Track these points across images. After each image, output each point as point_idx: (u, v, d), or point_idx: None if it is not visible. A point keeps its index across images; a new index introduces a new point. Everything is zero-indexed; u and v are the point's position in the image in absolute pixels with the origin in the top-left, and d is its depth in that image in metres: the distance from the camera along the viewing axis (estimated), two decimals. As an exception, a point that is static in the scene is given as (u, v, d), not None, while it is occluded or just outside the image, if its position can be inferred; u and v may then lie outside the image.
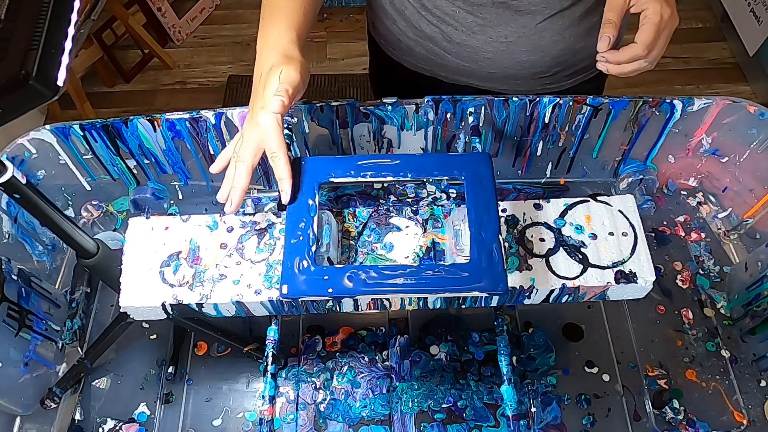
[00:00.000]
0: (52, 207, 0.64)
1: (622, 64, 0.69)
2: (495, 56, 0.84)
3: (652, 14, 0.67)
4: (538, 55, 0.84)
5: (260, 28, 0.68)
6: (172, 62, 2.34)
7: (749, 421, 0.75)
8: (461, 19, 0.81)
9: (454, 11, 0.80)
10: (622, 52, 0.68)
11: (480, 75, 0.88)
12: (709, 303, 0.83)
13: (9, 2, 0.50)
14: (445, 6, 0.80)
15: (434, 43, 0.86)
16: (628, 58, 0.68)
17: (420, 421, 0.74)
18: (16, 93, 0.48)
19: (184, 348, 0.81)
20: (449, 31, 0.83)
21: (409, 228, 0.69)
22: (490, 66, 0.86)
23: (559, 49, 0.84)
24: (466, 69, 0.88)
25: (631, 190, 0.91)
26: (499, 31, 0.81)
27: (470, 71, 0.88)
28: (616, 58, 0.68)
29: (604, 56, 0.69)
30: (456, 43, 0.84)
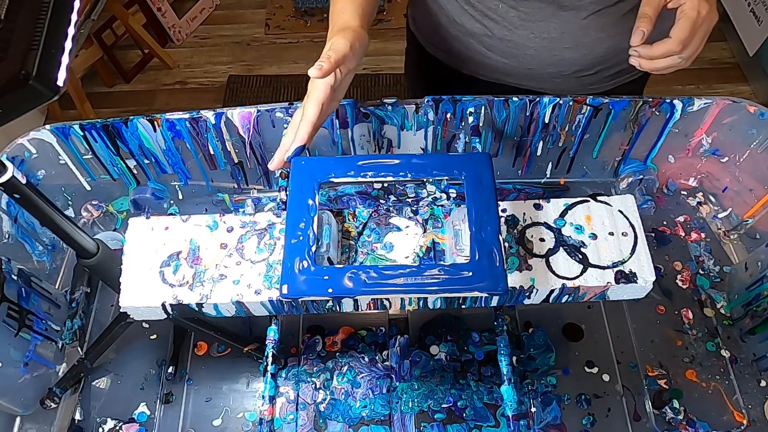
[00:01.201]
0: (52, 207, 0.64)
1: (654, 60, 0.67)
2: (537, 52, 0.83)
3: (689, 9, 0.65)
4: (581, 52, 0.83)
5: (329, 11, 0.72)
6: (172, 62, 2.34)
7: (749, 421, 0.75)
8: (504, 13, 0.80)
9: (496, 5, 0.79)
10: (655, 47, 0.66)
11: (519, 73, 0.87)
12: (709, 303, 0.83)
13: (9, 2, 0.50)
14: (489, 1, 0.80)
15: (475, 39, 0.85)
16: (661, 53, 0.66)
17: (420, 421, 0.74)
18: (16, 93, 0.48)
19: (184, 348, 0.81)
20: (491, 26, 0.82)
21: (409, 228, 0.69)
22: (531, 63, 0.85)
23: (603, 48, 0.83)
24: (506, 66, 0.87)
25: (631, 190, 0.91)
26: (541, 27, 0.80)
27: (510, 69, 0.87)
28: (649, 52, 0.67)
29: (636, 50, 0.67)
30: (497, 39, 0.83)
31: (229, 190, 0.93)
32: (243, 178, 0.91)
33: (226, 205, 0.92)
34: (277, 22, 2.51)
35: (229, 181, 0.92)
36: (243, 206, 0.92)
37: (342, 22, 0.69)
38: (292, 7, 2.53)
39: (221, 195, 0.92)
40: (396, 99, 0.82)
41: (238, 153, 0.86)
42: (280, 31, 2.47)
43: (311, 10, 2.53)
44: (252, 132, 0.83)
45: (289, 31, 2.47)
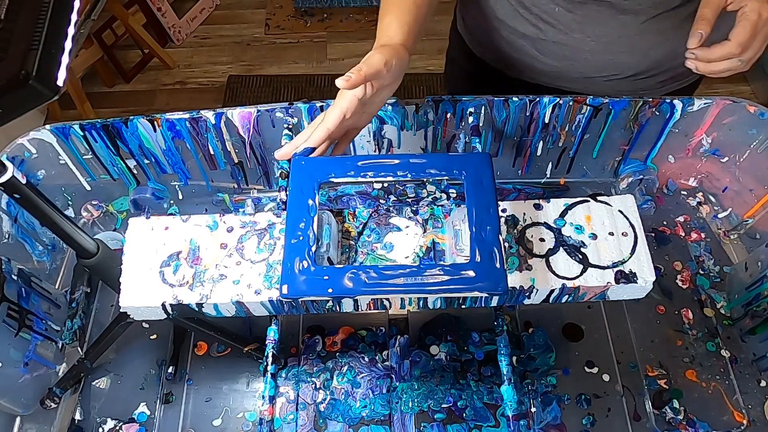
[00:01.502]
0: (52, 207, 0.64)
1: (712, 63, 0.66)
2: (592, 56, 0.82)
3: (750, 12, 0.64)
4: (638, 56, 0.81)
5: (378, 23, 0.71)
6: (172, 62, 2.34)
7: (749, 421, 0.75)
8: (560, 17, 0.79)
9: (552, 9, 0.78)
10: (713, 50, 0.65)
11: (570, 76, 0.86)
12: (709, 303, 0.83)
13: (9, 2, 0.50)
14: (544, 4, 0.78)
15: (528, 42, 0.84)
16: (719, 56, 0.65)
17: (420, 421, 0.74)
18: (16, 93, 0.48)
19: (184, 348, 0.81)
20: (546, 29, 0.81)
21: (409, 228, 0.69)
22: (584, 66, 0.84)
23: (660, 52, 0.81)
24: (557, 70, 0.86)
25: (631, 190, 0.91)
26: (598, 30, 0.78)
27: (561, 72, 0.86)
28: (707, 55, 0.65)
29: (693, 53, 0.66)
30: (551, 42, 0.82)
31: (229, 190, 0.92)
32: (243, 178, 0.91)
33: (226, 205, 0.92)
34: (277, 22, 2.51)
35: (229, 181, 0.92)
36: (243, 206, 0.92)
37: (385, 38, 0.68)
38: (292, 7, 2.53)
39: (221, 195, 0.92)
40: (396, 99, 0.82)
41: (238, 153, 0.86)
42: (280, 31, 2.47)
43: (311, 10, 2.53)
44: (252, 132, 0.83)
45: (289, 31, 2.47)
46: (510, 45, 0.87)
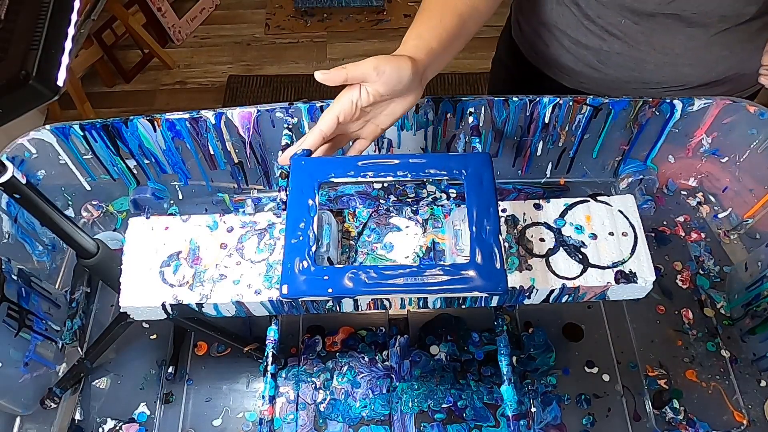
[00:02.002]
0: (52, 207, 0.64)
1: None
2: (656, 68, 0.81)
3: None
4: (702, 69, 0.81)
5: None
6: (172, 62, 2.34)
7: (749, 421, 0.75)
8: (627, 29, 0.78)
9: (619, 21, 0.77)
10: None
11: (630, 88, 0.85)
12: (709, 303, 0.83)
13: (9, 2, 0.50)
14: (611, 16, 0.77)
15: (590, 53, 0.84)
16: None
17: (420, 421, 0.74)
18: (16, 93, 0.48)
19: (184, 348, 0.81)
20: (611, 41, 0.80)
21: (409, 228, 0.69)
22: (647, 77, 0.83)
23: (725, 66, 0.81)
24: (618, 81, 0.85)
25: (631, 190, 0.91)
26: (665, 43, 0.78)
27: (622, 82, 0.85)
28: None
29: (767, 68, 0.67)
30: (616, 54, 0.81)
31: (229, 190, 0.93)
32: (243, 178, 0.91)
33: (226, 205, 0.92)
34: (277, 22, 2.51)
35: (229, 181, 0.92)
36: (243, 206, 0.92)
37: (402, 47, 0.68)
38: (292, 7, 2.53)
39: (221, 195, 0.92)
40: (396, 99, 0.82)
41: (238, 153, 0.87)
42: (280, 31, 2.47)
43: (311, 10, 2.53)
44: (252, 132, 0.83)
45: (289, 31, 2.47)
46: (571, 55, 0.86)
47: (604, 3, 0.77)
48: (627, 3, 0.75)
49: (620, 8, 0.76)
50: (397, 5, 2.51)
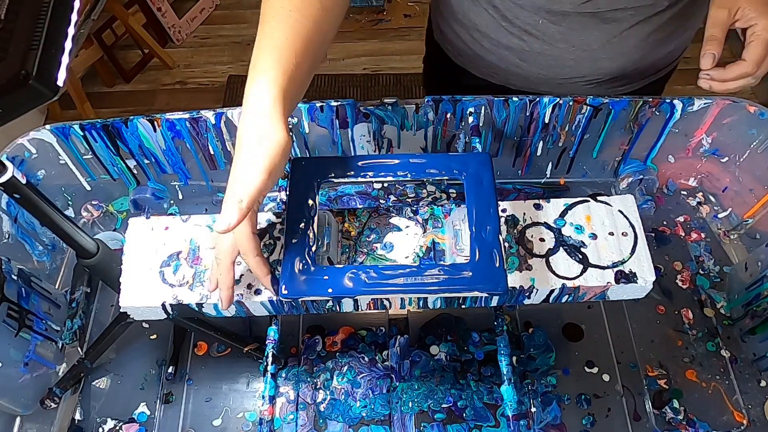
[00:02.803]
0: (52, 207, 0.64)
1: (727, 82, 0.68)
2: (576, 63, 0.83)
3: (761, 30, 0.66)
4: (620, 61, 0.82)
5: (255, 46, 0.58)
6: (172, 62, 2.34)
7: (749, 421, 0.75)
8: (544, 28, 0.78)
9: (536, 21, 0.78)
10: (730, 70, 0.67)
11: (554, 83, 0.87)
12: (709, 303, 0.83)
13: (9, 2, 0.50)
14: (528, 17, 0.78)
15: (512, 53, 0.84)
16: (736, 76, 0.67)
17: (420, 421, 0.74)
18: (16, 93, 0.48)
19: (184, 348, 0.81)
20: (530, 41, 0.81)
21: (409, 228, 0.69)
22: (568, 73, 0.84)
23: (641, 55, 0.82)
24: (541, 77, 0.86)
25: (631, 190, 0.91)
26: (582, 40, 0.79)
27: (545, 79, 0.86)
28: (723, 76, 0.68)
29: (708, 74, 0.68)
30: (536, 53, 0.82)
31: (229, 190, 0.92)
32: (243, 178, 0.91)
33: (226, 205, 0.92)
34: (277, 22, 2.50)
35: (229, 181, 0.91)
36: (243, 206, 0.92)
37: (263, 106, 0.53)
38: (292, 7, 2.52)
39: (221, 195, 0.92)
40: (396, 99, 0.82)
41: (238, 153, 0.86)
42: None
43: (311, 10, 2.52)
44: (252, 132, 0.83)
45: (289, 31, 2.47)
46: (493, 56, 0.87)
47: (521, 4, 0.77)
48: (543, 4, 0.76)
49: (536, 9, 0.76)
50: (397, 5, 2.51)
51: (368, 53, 2.35)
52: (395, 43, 2.32)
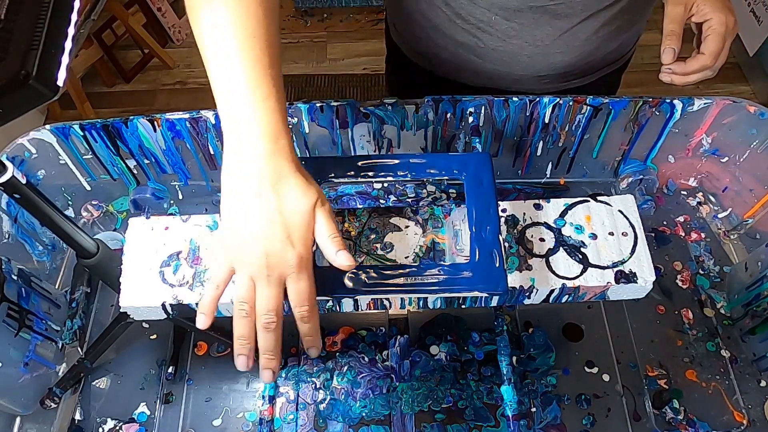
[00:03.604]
0: (52, 207, 0.64)
1: (688, 75, 0.70)
2: (530, 59, 0.83)
3: (717, 25, 0.68)
4: (572, 55, 0.84)
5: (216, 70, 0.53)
6: (172, 62, 2.34)
7: (749, 421, 0.75)
8: (497, 25, 0.79)
9: (489, 18, 0.79)
10: (690, 64, 0.70)
11: (509, 78, 0.87)
12: (709, 303, 0.83)
13: (9, 2, 0.50)
14: (481, 14, 0.79)
15: (466, 50, 0.85)
16: (696, 69, 0.70)
17: (420, 421, 0.74)
18: (16, 93, 0.48)
19: (184, 348, 0.81)
20: (484, 37, 0.82)
21: (409, 228, 0.69)
22: (523, 69, 0.85)
23: (592, 48, 0.84)
24: (497, 73, 0.87)
25: (631, 190, 0.91)
26: (535, 35, 0.80)
27: (500, 75, 0.87)
28: (684, 70, 0.70)
29: (670, 68, 0.70)
30: (491, 49, 0.83)
31: (229, 190, 0.92)
32: (243, 178, 0.91)
33: (226, 205, 0.92)
34: (277, 22, 2.51)
35: (229, 181, 0.91)
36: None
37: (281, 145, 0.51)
38: (292, 7, 2.53)
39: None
40: (396, 99, 0.82)
41: (238, 153, 0.86)
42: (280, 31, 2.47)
43: (311, 10, 2.53)
44: (252, 132, 0.83)
45: (289, 31, 2.47)
46: (447, 52, 0.87)
47: (474, 1, 0.78)
48: (495, 0, 0.76)
49: (489, 5, 0.77)
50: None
51: (368, 53, 2.35)
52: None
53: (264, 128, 0.50)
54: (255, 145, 0.50)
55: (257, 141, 0.50)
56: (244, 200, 0.50)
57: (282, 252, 0.49)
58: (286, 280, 0.50)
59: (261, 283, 0.50)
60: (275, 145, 0.50)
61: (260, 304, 0.50)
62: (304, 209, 0.50)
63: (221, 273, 0.52)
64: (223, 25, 0.52)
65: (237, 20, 0.52)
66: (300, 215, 0.50)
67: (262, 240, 0.49)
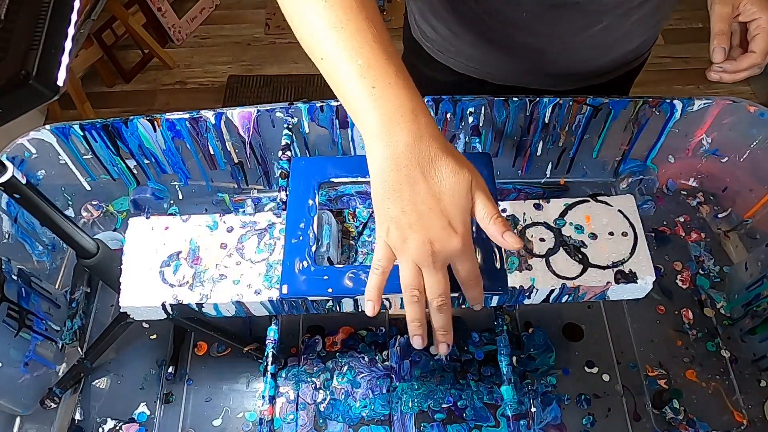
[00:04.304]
0: (52, 207, 0.64)
1: (738, 72, 0.72)
2: (558, 56, 0.84)
3: (766, 23, 0.70)
4: (600, 51, 0.84)
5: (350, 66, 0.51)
6: (172, 62, 2.34)
7: (749, 421, 0.75)
8: (527, 21, 0.79)
9: (521, 15, 0.78)
10: (741, 62, 0.72)
11: (536, 74, 0.87)
12: (709, 303, 0.83)
13: (9, 2, 0.50)
14: (512, 10, 0.78)
15: (494, 47, 0.85)
16: (746, 67, 0.72)
17: (420, 421, 0.74)
18: (16, 93, 0.48)
19: (184, 348, 0.81)
20: (513, 33, 0.81)
21: (409, 228, 0.69)
22: (550, 65, 0.85)
23: (621, 45, 0.84)
24: (522, 69, 0.87)
25: (631, 190, 0.91)
26: (564, 31, 0.80)
27: (527, 71, 0.87)
28: (736, 68, 0.72)
29: (721, 66, 0.72)
30: (519, 45, 0.83)
31: (229, 190, 0.93)
32: (243, 178, 0.91)
33: (226, 205, 0.92)
34: (277, 22, 2.51)
35: (229, 181, 0.92)
36: (243, 206, 0.92)
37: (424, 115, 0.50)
38: (292, 7, 2.52)
39: (221, 195, 0.92)
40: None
41: (238, 153, 0.87)
42: (280, 31, 2.47)
43: (311, 10, 2.52)
44: (252, 132, 0.83)
45: (289, 31, 2.44)
46: (475, 48, 0.87)
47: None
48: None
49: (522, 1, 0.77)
50: (397, 5, 2.51)
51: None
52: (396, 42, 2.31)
53: (403, 112, 0.49)
54: (397, 130, 0.49)
55: (397, 126, 0.49)
56: (398, 189, 0.49)
57: (446, 238, 0.49)
58: (452, 264, 0.52)
59: (428, 269, 0.51)
60: (417, 128, 0.49)
61: (430, 289, 0.51)
62: (462, 191, 0.50)
63: (384, 261, 0.52)
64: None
65: None
66: (458, 198, 0.50)
67: (423, 228, 0.49)
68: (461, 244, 0.50)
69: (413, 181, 0.49)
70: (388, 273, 0.53)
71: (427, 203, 0.49)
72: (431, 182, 0.49)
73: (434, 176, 0.49)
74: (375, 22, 0.52)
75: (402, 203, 0.49)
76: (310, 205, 0.63)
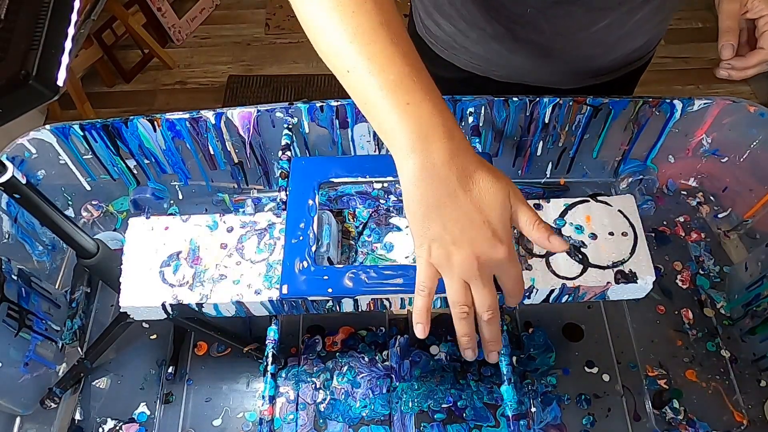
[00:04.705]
0: (52, 207, 0.64)
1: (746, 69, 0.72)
2: (562, 53, 0.84)
3: None
4: (605, 49, 0.84)
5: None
6: (172, 62, 2.34)
7: (749, 421, 0.75)
8: (531, 18, 0.79)
9: (524, 10, 0.78)
10: (750, 59, 0.71)
11: (540, 71, 0.88)
12: (709, 303, 0.83)
13: (9, 2, 0.50)
14: (515, 7, 0.78)
15: (498, 43, 0.85)
16: (755, 63, 0.71)
17: (420, 421, 0.74)
18: (16, 93, 0.48)
19: (184, 348, 0.81)
20: (518, 30, 0.81)
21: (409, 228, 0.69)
22: (554, 62, 0.85)
23: (625, 44, 0.84)
24: (526, 66, 0.87)
25: (631, 190, 0.91)
26: (569, 28, 0.80)
27: (531, 68, 0.87)
28: (744, 64, 0.71)
29: (730, 63, 0.72)
30: (523, 42, 0.83)
31: (229, 190, 0.93)
32: (243, 178, 0.91)
33: (226, 205, 0.92)
34: (277, 22, 2.51)
35: (229, 181, 0.92)
36: (243, 206, 0.92)
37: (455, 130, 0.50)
38: (293, 7, 2.53)
39: (221, 195, 0.92)
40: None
41: (238, 153, 0.87)
42: (280, 31, 2.47)
43: (311, 10, 2.52)
44: (252, 132, 0.83)
45: (289, 31, 2.47)
46: (479, 46, 0.87)
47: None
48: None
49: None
50: (397, 5, 2.51)
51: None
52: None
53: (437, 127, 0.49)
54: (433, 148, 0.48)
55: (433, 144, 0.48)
56: (438, 206, 0.49)
57: (491, 250, 0.49)
58: (497, 274, 0.52)
59: (476, 283, 0.51)
60: (452, 143, 0.49)
61: (480, 303, 0.52)
62: (502, 201, 0.50)
63: (429, 281, 0.52)
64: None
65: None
66: (499, 209, 0.50)
67: (468, 243, 0.49)
68: (507, 252, 0.50)
69: (454, 195, 0.48)
70: (434, 293, 0.53)
71: (470, 216, 0.49)
72: (471, 195, 0.49)
73: (473, 189, 0.49)
74: (402, 36, 0.52)
75: (443, 219, 0.49)
76: (310, 205, 0.63)
